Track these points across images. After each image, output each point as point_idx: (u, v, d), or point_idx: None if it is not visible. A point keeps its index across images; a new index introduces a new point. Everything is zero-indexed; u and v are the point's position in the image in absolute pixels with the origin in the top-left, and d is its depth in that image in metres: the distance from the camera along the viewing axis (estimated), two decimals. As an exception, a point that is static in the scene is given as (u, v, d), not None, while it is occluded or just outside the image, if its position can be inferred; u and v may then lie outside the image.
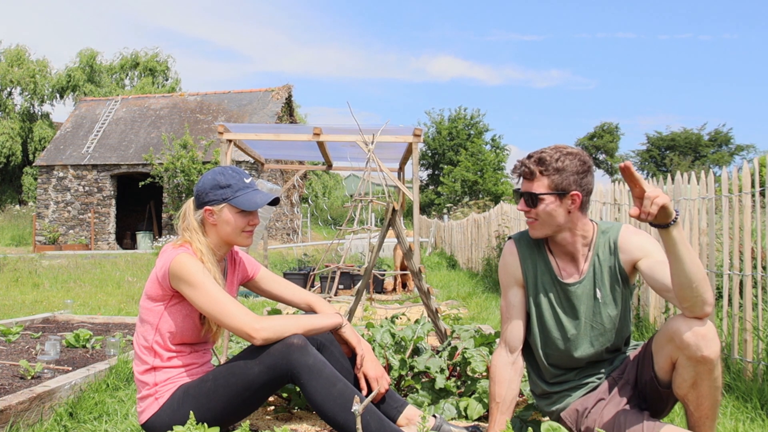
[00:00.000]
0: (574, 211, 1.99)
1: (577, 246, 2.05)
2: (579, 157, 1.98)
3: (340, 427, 2.01)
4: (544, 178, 1.97)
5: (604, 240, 2.06)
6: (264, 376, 2.05)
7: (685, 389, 1.84)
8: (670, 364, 1.85)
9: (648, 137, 42.43)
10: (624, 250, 2.02)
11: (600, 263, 2.05)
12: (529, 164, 2.00)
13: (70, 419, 2.61)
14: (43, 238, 20.41)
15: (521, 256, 2.13)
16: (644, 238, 2.03)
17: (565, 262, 2.09)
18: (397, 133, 6.56)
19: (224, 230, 2.17)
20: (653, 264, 1.93)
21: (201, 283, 2.03)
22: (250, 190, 2.18)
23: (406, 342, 2.98)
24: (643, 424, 1.87)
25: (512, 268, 2.15)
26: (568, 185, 1.96)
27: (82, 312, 5.89)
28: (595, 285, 2.05)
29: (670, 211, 1.65)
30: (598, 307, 2.05)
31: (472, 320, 5.63)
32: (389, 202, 3.22)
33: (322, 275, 8.02)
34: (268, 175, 20.19)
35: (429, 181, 39.67)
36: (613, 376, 2.06)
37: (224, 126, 6.11)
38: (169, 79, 33.37)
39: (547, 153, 1.98)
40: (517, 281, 2.14)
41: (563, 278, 2.08)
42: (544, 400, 2.19)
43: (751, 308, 3.24)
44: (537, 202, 1.98)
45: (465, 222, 12.94)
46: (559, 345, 2.09)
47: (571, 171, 1.95)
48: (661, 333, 1.88)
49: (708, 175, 3.62)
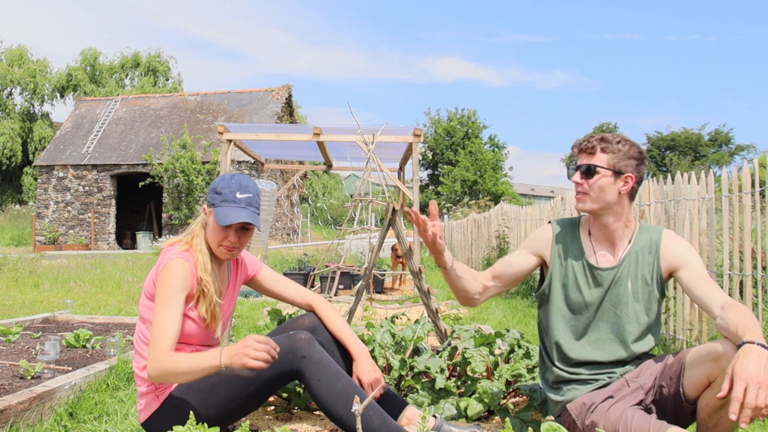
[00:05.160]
0: (624, 195, 2.07)
1: (618, 233, 2.12)
2: (637, 146, 2.09)
3: (342, 422, 2.02)
4: (604, 155, 2.06)
5: (646, 237, 2.11)
6: (270, 370, 2.05)
7: (713, 408, 1.85)
8: (706, 382, 1.85)
9: (648, 137, 42.44)
10: (666, 254, 2.08)
11: (638, 258, 2.10)
12: (592, 140, 2.10)
13: (70, 419, 2.60)
14: (43, 238, 20.41)
15: (555, 236, 2.21)
16: (685, 246, 2.10)
17: (603, 247, 2.14)
18: (397, 133, 6.56)
19: (209, 234, 2.16)
20: (693, 277, 1.99)
21: (165, 298, 2.04)
22: (234, 206, 2.10)
23: (406, 342, 2.98)
24: (650, 423, 1.87)
25: (541, 241, 2.23)
26: (625, 167, 2.05)
27: (82, 312, 5.88)
28: (629, 275, 2.09)
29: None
30: (627, 297, 2.08)
31: (472, 320, 5.63)
32: (389, 202, 3.22)
33: (322, 275, 8.02)
34: (268, 175, 20.19)
35: (429, 181, 39.67)
36: (627, 377, 2.06)
37: (224, 126, 6.11)
38: (170, 80, 33.36)
39: (610, 135, 2.09)
40: (535, 251, 2.23)
41: (596, 262, 2.13)
42: (554, 391, 2.19)
43: (752, 308, 3.24)
44: (593, 175, 2.06)
45: (465, 222, 12.94)
46: (578, 327, 2.13)
47: (629, 155, 2.05)
48: (702, 351, 1.86)
49: (708, 175, 3.62)
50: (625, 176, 2.05)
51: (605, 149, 2.06)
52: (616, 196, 2.06)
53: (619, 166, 2.04)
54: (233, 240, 2.13)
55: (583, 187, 2.09)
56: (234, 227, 2.11)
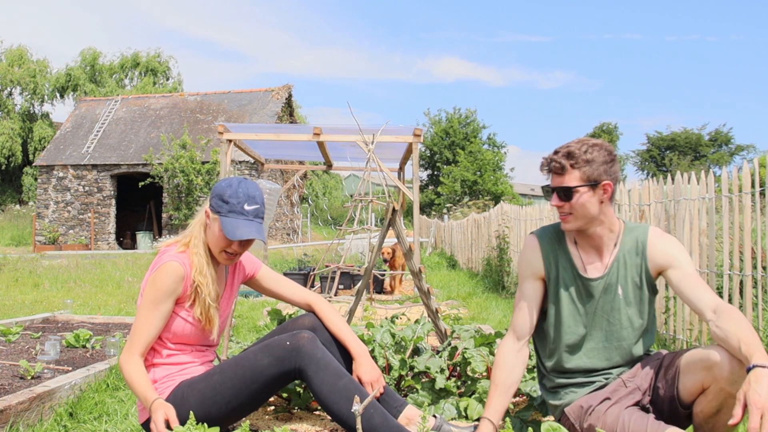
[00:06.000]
0: (605, 202, 2.02)
1: (604, 239, 2.07)
2: (604, 147, 2.01)
3: (344, 420, 2.03)
4: (576, 171, 1.98)
5: (631, 238, 2.07)
6: (272, 368, 2.06)
7: (708, 414, 1.85)
8: (700, 388, 1.85)
9: (648, 137, 42.45)
10: (652, 254, 2.03)
11: (625, 261, 2.06)
12: (558, 159, 2.01)
13: (70, 419, 2.60)
14: (43, 238, 20.41)
15: (543, 251, 2.15)
16: (672, 243, 2.05)
17: (591, 256, 2.10)
18: (397, 133, 6.56)
19: (210, 238, 2.16)
20: (683, 277, 1.95)
21: (151, 301, 2.06)
22: (241, 218, 2.10)
23: (406, 342, 2.98)
24: (647, 424, 1.86)
25: (533, 262, 2.16)
26: (599, 175, 1.98)
27: (82, 312, 5.88)
28: (618, 282, 2.06)
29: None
30: (618, 303, 2.06)
31: (472, 320, 5.63)
32: (389, 202, 3.21)
33: (322, 275, 8.02)
34: (268, 175, 20.18)
35: (428, 181, 39.66)
36: (623, 378, 2.06)
37: (224, 126, 6.10)
38: (170, 80, 33.35)
39: (574, 146, 2.00)
40: (535, 274, 2.15)
41: (586, 273, 2.09)
42: (552, 395, 2.19)
43: (752, 308, 3.24)
44: (571, 196, 1.99)
45: (465, 222, 12.94)
46: (574, 338, 2.10)
47: (599, 161, 1.98)
48: (696, 358, 1.85)
49: (708, 175, 3.61)
50: (603, 185, 1.98)
51: (575, 165, 1.97)
52: (599, 207, 2.01)
53: (594, 177, 1.97)
54: (236, 249, 2.15)
55: (564, 208, 2.02)
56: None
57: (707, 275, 3.61)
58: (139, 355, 2.07)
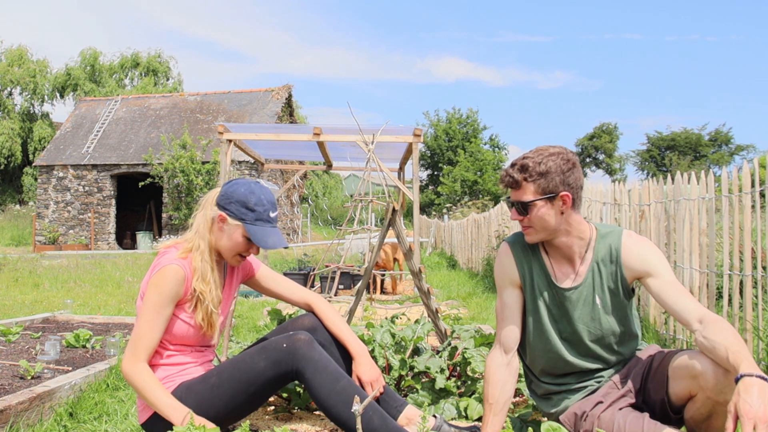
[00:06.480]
0: (567, 211, 1.97)
1: (573, 248, 2.03)
2: (562, 155, 1.95)
3: (343, 422, 2.02)
4: (530, 185, 1.94)
5: (605, 245, 2.02)
6: (270, 371, 2.06)
7: (698, 420, 1.85)
8: (688, 395, 1.84)
9: (648, 137, 42.41)
10: (627, 261, 1.99)
11: (600, 270, 2.02)
12: (512, 173, 1.98)
13: (70, 419, 2.60)
14: (43, 238, 20.41)
15: (517, 258, 2.11)
16: (647, 248, 2.00)
17: (561, 264, 2.07)
18: (397, 133, 6.55)
19: (223, 242, 2.13)
20: (663, 285, 1.91)
21: (153, 305, 2.04)
22: (269, 226, 2.11)
23: (406, 342, 2.98)
24: (643, 425, 1.86)
25: (508, 270, 2.12)
26: (555, 186, 1.93)
27: (82, 312, 5.88)
28: (594, 291, 2.02)
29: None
30: (597, 313, 2.03)
31: (472, 320, 5.63)
32: (389, 202, 3.21)
33: (322, 275, 8.02)
34: (268, 175, 20.19)
35: (428, 182, 39.67)
36: (614, 380, 2.04)
37: (224, 126, 6.10)
38: (170, 80, 33.35)
39: (529, 158, 1.96)
40: (512, 282, 2.12)
41: (558, 281, 2.06)
42: (544, 402, 2.18)
43: (751, 308, 3.24)
44: (528, 210, 1.96)
45: (465, 222, 12.94)
46: (555, 347, 2.07)
47: (555, 172, 1.92)
48: (682, 365, 1.83)
49: (708, 175, 3.61)
50: (561, 196, 1.93)
51: (528, 179, 1.94)
52: (559, 218, 1.96)
53: (550, 189, 1.92)
54: (254, 252, 2.16)
55: (524, 222, 2.00)
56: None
57: (707, 275, 3.61)
58: (145, 360, 2.04)
